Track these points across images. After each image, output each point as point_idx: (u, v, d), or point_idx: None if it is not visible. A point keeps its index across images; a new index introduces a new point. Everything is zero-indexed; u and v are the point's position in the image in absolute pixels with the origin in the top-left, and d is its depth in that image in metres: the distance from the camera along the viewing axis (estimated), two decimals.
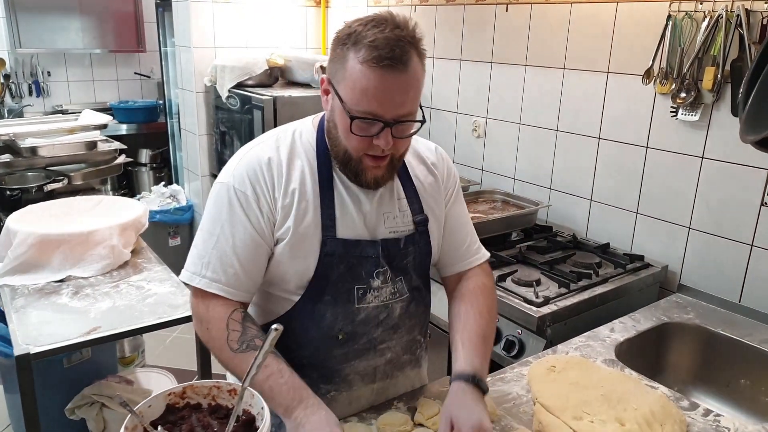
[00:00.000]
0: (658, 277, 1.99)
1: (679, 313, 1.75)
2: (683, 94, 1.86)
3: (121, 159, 2.94)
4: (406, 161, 1.19)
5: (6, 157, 2.61)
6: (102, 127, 2.91)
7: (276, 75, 3.24)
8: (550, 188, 2.39)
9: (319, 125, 1.16)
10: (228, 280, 1.09)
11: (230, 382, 1.01)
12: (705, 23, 1.76)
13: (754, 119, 1.29)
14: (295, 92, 3.01)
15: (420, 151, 1.26)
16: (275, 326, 0.86)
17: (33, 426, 1.55)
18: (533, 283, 1.82)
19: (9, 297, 1.77)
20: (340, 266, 1.13)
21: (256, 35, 3.42)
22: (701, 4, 1.78)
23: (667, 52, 1.89)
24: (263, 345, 0.86)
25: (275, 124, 2.82)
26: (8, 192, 2.44)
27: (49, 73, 4.53)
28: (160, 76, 4.30)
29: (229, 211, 1.09)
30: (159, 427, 0.88)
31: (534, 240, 2.21)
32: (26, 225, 1.93)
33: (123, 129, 4.37)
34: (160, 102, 4.48)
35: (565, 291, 1.78)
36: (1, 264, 1.88)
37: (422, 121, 1.06)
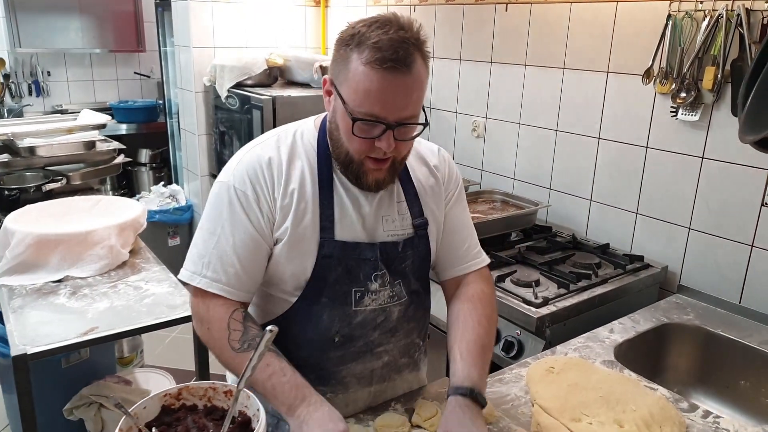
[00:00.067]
0: (657, 278, 1.98)
1: (679, 313, 1.74)
2: (683, 94, 1.85)
3: (120, 159, 2.93)
4: (408, 163, 1.18)
5: (4, 157, 2.61)
6: (101, 127, 2.91)
7: (275, 75, 3.24)
8: (550, 188, 2.39)
9: (321, 126, 1.15)
10: (228, 280, 1.09)
11: (226, 384, 1.00)
12: (705, 23, 1.76)
13: (754, 119, 1.28)
14: (294, 92, 3.01)
15: (422, 152, 1.24)
16: (270, 327, 0.86)
17: (30, 426, 1.55)
18: (532, 283, 1.81)
19: (6, 297, 1.77)
20: (337, 268, 1.12)
21: (256, 35, 3.42)
22: (701, 3, 1.77)
23: (667, 51, 1.88)
24: (258, 347, 0.86)
25: (274, 124, 2.82)
26: (6, 192, 2.43)
27: (48, 72, 4.53)
28: (159, 75, 4.30)
29: (229, 210, 1.09)
30: (153, 428, 0.88)
31: (533, 240, 2.20)
32: (24, 225, 1.93)
33: (123, 129, 4.37)
34: (160, 102, 4.48)
35: (564, 292, 1.77)
36: None
37: (425, 124, 1.05)
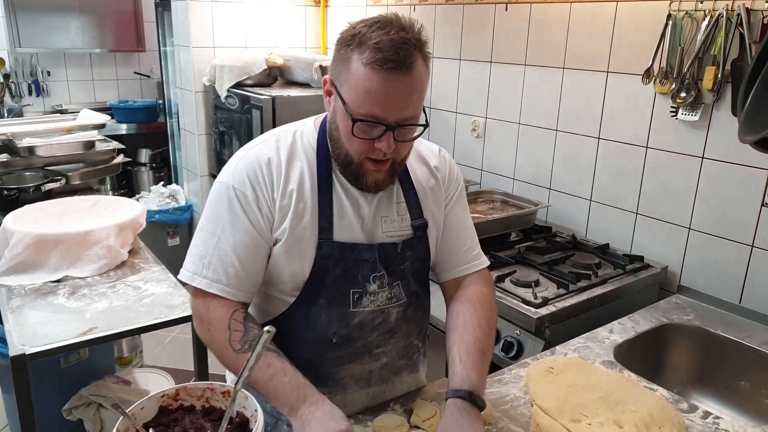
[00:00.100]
0: (657, 278, 1.98)
1: (679, 314, 1.73)
2: (683, 94, 1.85)
3: (119, 159, 2.93)
4: (408, 164, 1.18)
5: (4, 157, 2.61)
6: (100, 127, 2.91)
7: (275, 74, 3.24)
8: (550, 188, 2.38)
9: (321, 126, 1.14)
10: (229, 281, 1.09)
11: (224, 384, 1.00)
12: (705, 22, 1.75)
13: (753, 119, 1.28)
14: (294, 92, 3.01)
15: (423, 153, 1.24)
16: (267, 328, 0.85)
17: (29, 426, 1.54)
18: (532, 284, 1.81)
19: (5, 297, 1.77)
20: (336, 269, 1.12)
21: (255, 35, 3.41)
22: (701, 3, 1.77)
23: (667, 51, 1.88)
24: (255, 347, 0.85)
25: (274, 124, 2.82)
26: (6, 192, 2.43)
27: (48, 72, 4.53)
28: (159, 75, 4.30)
29: (229, 211, 1.08)
30: (150, 429, 0.87)
31: (533, 240, 2.20)
32: (23, 225, 1.92)
33: (123, 129, 4.37)
34: (160, 102, 4.48)
35: (564, 292, 1.77)
36: None
37: (425, 125, 1.04)
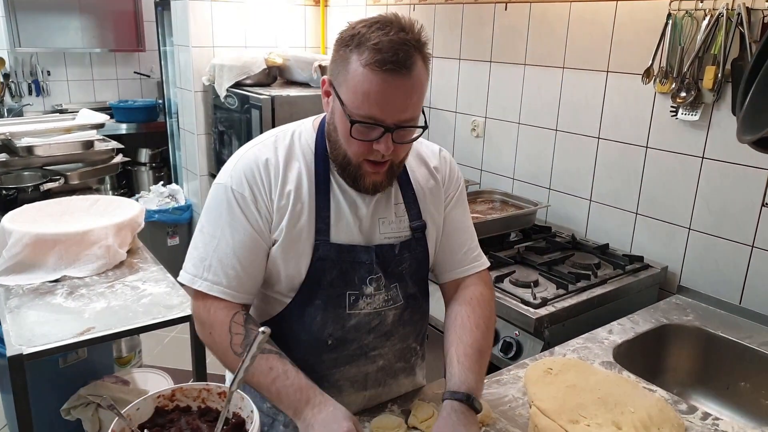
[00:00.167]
0: (657, 279, 1.97)
1: (679, 314, 1.73)
2: (683, 94, 1.84)
3: (118, 158, 2.91)
4: (407, 164, 1.17)
5: (2, 157, 2.59)
6: (99, 127, 2.89)
7: (274, 74, 3.23)
8: (549, 188, 2.38)
9: (320, 127, 1.14)
10: (229, 283, 1.08)
11: (220, 385, 1.00)
12: (705, 22, 1.75)
13: (752, 119, 1.27)
14: (293, 91, 3.00)
15: (422, 153, 1.23)
16: (262, 329, 0.85)
17: (26, 426, 1.54)
18: (531, 284, 1.80)
19: (3, 297, 1.76)
20: (332, 271, 1.11)
21: (255, 34, 3.41)
22: (702, 2, 1.76)
23: (667, 51, 1.87)
24: (250, 348, 0.85)
25: (273, 124, 2.81)
26: (4, 191, 2.42)
27: (48, 72, 4.53)
28: (159, 75, 4.30)
29: (228, 212, 1.08)
30: (145, 430, 0.87)
31: (533, 240, 2.19)
32: (21, 224, 1.92)
33: (123, 128, 4.37)
34: (160, 101, 4.48)
35: (563, 292, 1.76)
36: None
37: (424, 127, 1.04)
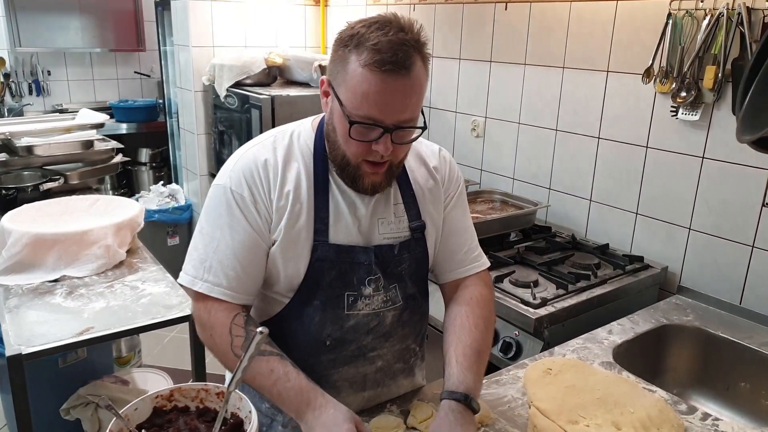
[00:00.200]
0: (657, 279, 1.97)
1: (679, 315, 1.72)
2: (683, 94, 1.84)
3: (118, 158, 2.91)
4: (407, 164, 1.17)
5: (2, 156, 2.59)
6: (99, 126, 2.89)
7: (274, 74, 3.23)
8: (550, 188, 2.37)
9: (319, 127, 1.13)
10: (230, 284, 1.08)
11: (218, 385, 0.99)
12: (706, 21, 1.75)
13: (751, 118, 1.26)
14: (293, 91, 3.00)
15: (422, 153, 1.22)
16: (260, 329, 0.85)
17: (25, 426, 1.54)
18: (531, 284, 1.80)
19: (2, 297, 1.76)
20: (331, 272, 1.11)
21: (255, 34, 3.41)
22: (702, 2, 1.76)
23: (668, 50, 1.87)
24: (248, 348, 0.85)
25: (273, 124, 2.81)
26: (4, 191, 2.42)
27: (49, 72, 4.53)
28: (159, 75, 4.30)
29: (228, 213, 1.08)
30: (143, 430, 0.87)
31: (533, 240, 2.19)
32: (21, 224, 1.92)
33: (123, 128, 4.37)
34: (160, 101, 4.48)
35: (563, 292, 1.76)
36: None
37: (423, 128, 1.03)
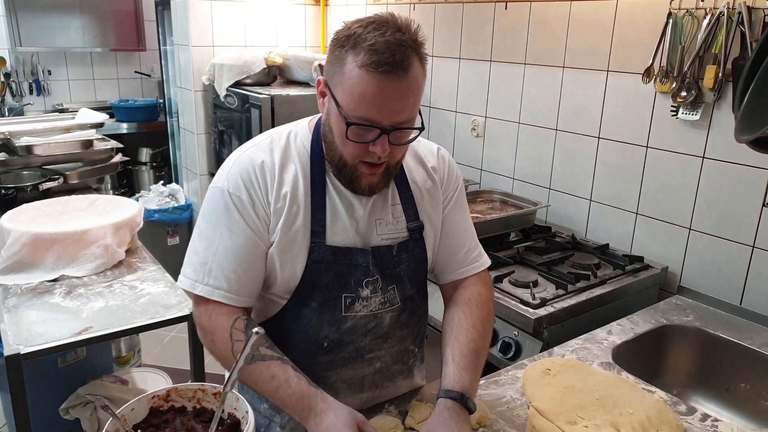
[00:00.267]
0: (657, 279, 1.96)
1: (679, 315, 1.72)
2: (684, 93, 1.83)
3: (118, 158, 2.91)
4: (405, 164, 1.16)
5: (1, 156, 2.59)
6: (98, 126, 2.89)
7: (274, 74, 3.23)
8: (550, 188, 2.37)
9: (315, 127, 1.13)
10: (230, 287, 1.07)
11: (215, 385, 0.99)
12: (706, 21, 1.74)
13: (749, 118, 1.26)
14: (293, 91, 3.00)
15: (421, 153, 1.22)
16: (256, 329, 0.84)
17: (24, 426, 1.54)
18: (530, 284, 1.79)
19: (1, 296, 1.76)
20: (328, 274, 1.10)
21: (255, 34, 3.41)
22: (702, 1, 1.76)
23: (668, 50, 1.86)
24: (244, 349, 0.84)
25: (273, 123, 2.81)
26: (3, 191, 2.42)
27: (49, 71, 4.54)
28: (160, 74, 4.30)
29: (226, 216, 1.07)
30: (138, 431, 0.86)
31: (532, 240, 2.19)
32: (20, 224, 1.91)
33: (123, 128, 4.37)
34: (160, 101, 4.48)
35: (562, 293, 1.76)
36: None
37: (421, 128, 1.03)
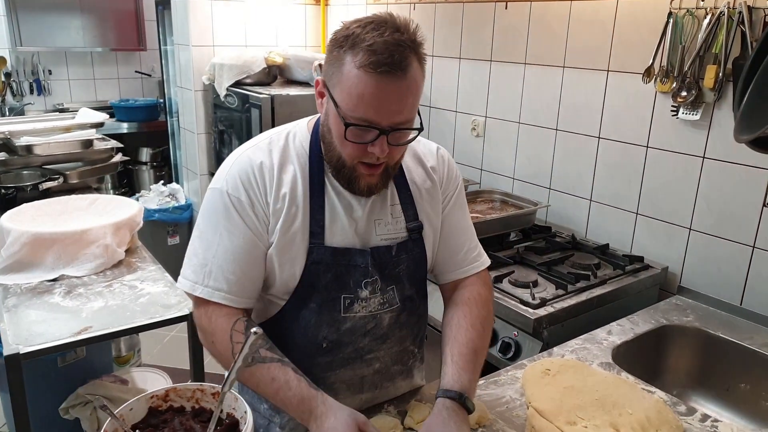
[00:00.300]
0: (657, 279, 1.96)
1: (679, 315, 1.72)
2: (684, 93, 1.83)
3: (118, 158, 2.91)
4: (404, 164, 1.16)
5: (1, 156, 2.59)
6: (98, 126, 2.89)
7: (274, 73, 3.23)
8: (550, 188, 2.37)
9: (314, 128, 1.12)
10: (230, 288, 1.07)
11: (214, 385, 0.99)
12: (706, 21, 1.74)
13: (749, 118, 1.25)
14: (293, 90, 2.99)
15: (420, 153, 1.21)
16: (254, 329, 0.84)
17: (23, 425, 1.54)
18: (530, 284, 1.79)
19: (1, 296, 1.76)
20: (327, 275, 1.10)
21: (255, 33, 3.40)
22: (703, 1, 1.75)
23: (668, 50, 1.86)
24: (242, 349, 0.84)
25: (273, 123, 2.81)
26: (3, 190, 2.42)
27: (50, 71, 4.54)
28: (160, 74, 4.30)
29: (226, 217, 1.07)
30: (137, 431, 0.86)
31: (532, 240, 2.18)
32: (20, 224, 1.91)
33: (124, 127, 4.37)
34: (161, 100, 4.48)
35: (562, 293, 1.75)
36: None
37: (420, 129, 1.02)
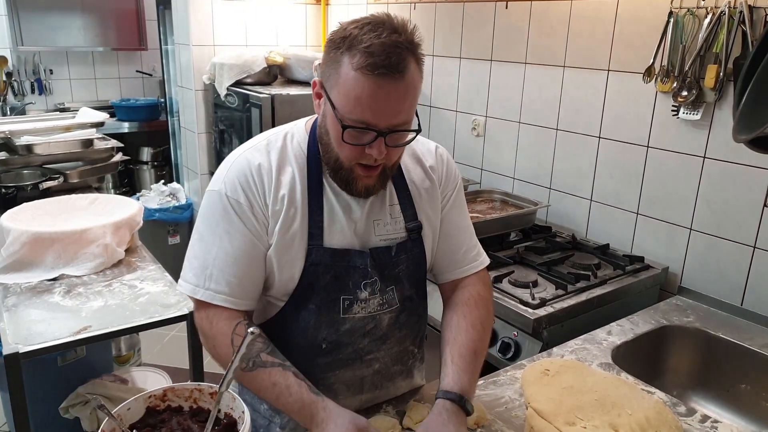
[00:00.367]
0: (658, 279, 1.95)
1: (679, 315, 1.71)
2: (685, 93, 1.82)
3: (118, 157, 2.91)
4: (403, 164, 1.16)
5: (2, 155, 2.59)
6: (99, 125, 2.89)
7: (275, 73, 3.23)
8: (550, 188, 2.36)
9: (312, 129, 1.12)
10: (232, 291, 1.07)
11: (212, 385, 0.99)
12: (707, 20, 1.73)
13: (747, 118, 1.25)
14: (293, 90, 2.99)
15: (419, 152, 1.21)
16: (251, 329, 0.84)
17: (23, 425, 1.54)
18: (530, 284, 1.79)
19: (1, 295, 1.76)
20: (326, 276, 1.09)
21: (256, 33, 3.40)
22: (703, 0, 1.75)
23: (669, 49, 1.86)
24: (239, 348, 0.84)
25: (273, 123, 2.81)
26: (3, 190, 2.42)
27: (51, 71, 4.54)
28: (161, 74, 4.30)
29: (225, 220, 1.06)
30: (134, 430, 0.86)
31: (533, 240, 2.18)
32: (20, 223, 1.92)
33: (125, 127, 4.38)
34: (162, 100, 4.48)
35: (562, 293, 1.75)
36: None
37: (418, 131, 1.02)
